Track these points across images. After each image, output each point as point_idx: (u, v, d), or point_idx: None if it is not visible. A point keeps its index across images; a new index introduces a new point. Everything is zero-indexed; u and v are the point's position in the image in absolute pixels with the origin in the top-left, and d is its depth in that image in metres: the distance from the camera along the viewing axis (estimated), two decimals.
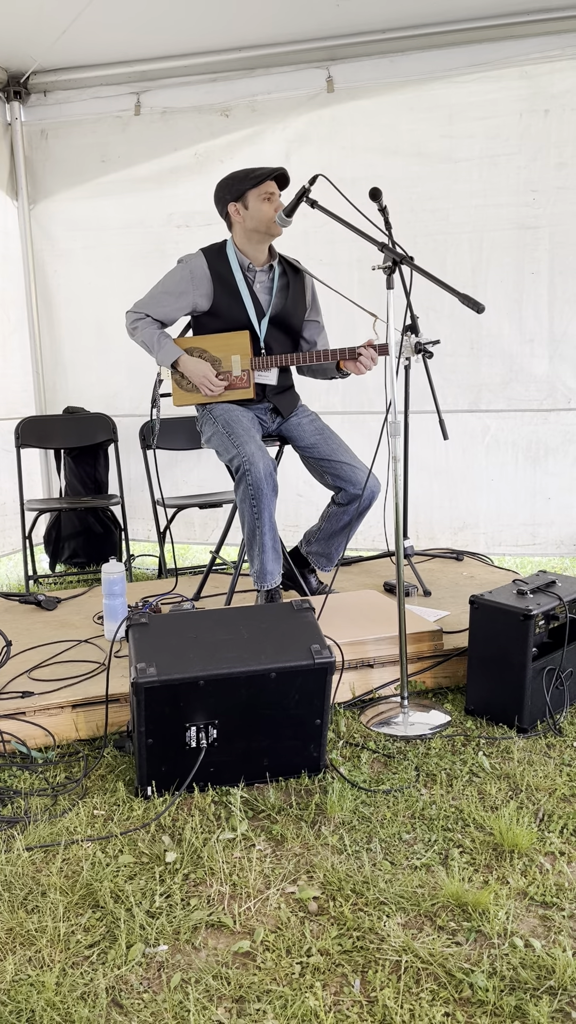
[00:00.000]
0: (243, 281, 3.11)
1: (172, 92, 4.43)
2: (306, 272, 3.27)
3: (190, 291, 3.12)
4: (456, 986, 1.50)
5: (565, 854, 1.89)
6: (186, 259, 3.16)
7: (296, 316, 3.23)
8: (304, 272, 3.27)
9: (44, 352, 4.88)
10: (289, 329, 3.22)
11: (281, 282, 3.18)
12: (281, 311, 3.17)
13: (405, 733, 2.49)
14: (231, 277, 3.11)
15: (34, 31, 4.01)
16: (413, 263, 2.53)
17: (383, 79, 4.14)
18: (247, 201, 3.04)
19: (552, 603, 2.50)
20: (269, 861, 1.88)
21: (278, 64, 4.24)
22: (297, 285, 3.23)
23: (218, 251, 3.15)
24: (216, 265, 3.11)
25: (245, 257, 3.12)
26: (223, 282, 3.11)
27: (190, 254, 3.17)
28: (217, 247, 3.16)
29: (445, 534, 4.48)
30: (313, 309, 3.32)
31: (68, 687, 2.52)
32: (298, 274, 3.25)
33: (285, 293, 3.19)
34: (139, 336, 3.16)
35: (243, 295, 3.11)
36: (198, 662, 2.12)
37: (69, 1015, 1.44)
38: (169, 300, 3.14)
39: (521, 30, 3.90)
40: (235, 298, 3.11)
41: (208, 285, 3.11)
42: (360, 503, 3.11)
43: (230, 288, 3.11)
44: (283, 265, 3.22)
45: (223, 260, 3.13)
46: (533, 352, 4.18)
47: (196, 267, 3.12)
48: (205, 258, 3.13)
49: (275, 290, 3.16)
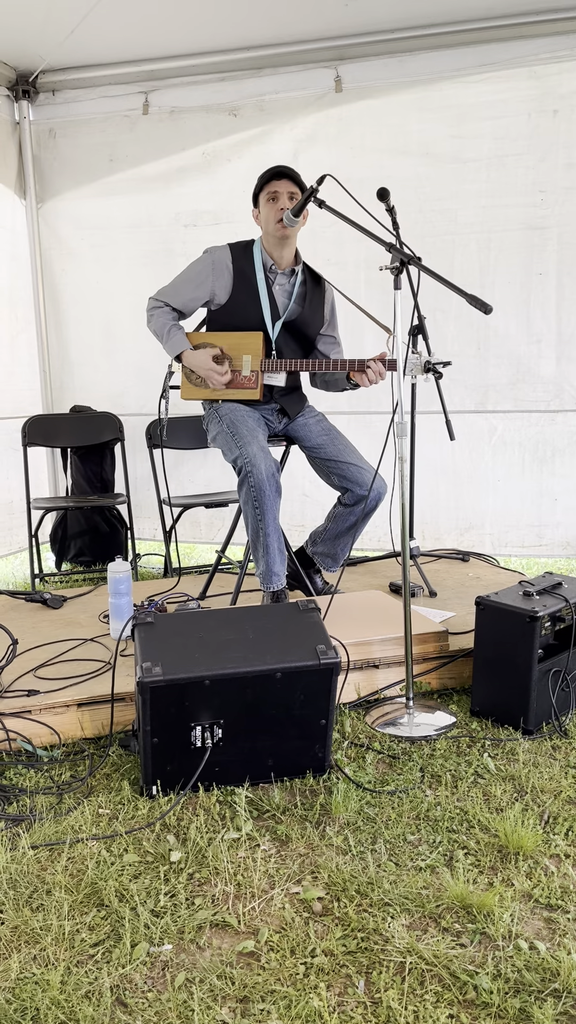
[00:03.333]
0: (263, 280, 3.13)
1: (180, 91, 4.44)
2: (329, 285, 3.28)
3: (209, 281, 3.13)
4: (460, 988, 1.50)
5: (570, 856, 1.88)
6: (211, 250, 3.19)
7: (311, 326, 3.24)
8: (327, 285, 3.29)
9: (51, 351, 4.89)
10: (302, 337, 3.23)
11: (301, 289, 3.19)
12: (297, 318, 3.19)
13: (410, 734, 2.48)
14: (252, 274, 3.13)
15: (43, 30, 4.02)
16: (421, 264, 2.52)
17: (392, 79, 4.14)
18: (259, 203, 3.10)
19: (558, 605, 2.49)
20: (274, 861, 1.88)
21: (286, 64, 4.25)
22: (316, 296, 3.24)
23: (244, 247, 3.17)
24: (240, 260, 3.14)
25: (269, 258, 3.14)
26: (244, 278, 3.12)
27: (216, 245, 3.19)
28: (244, 243, 3.19)
29: (451, 535, 4.47)
30: (330, 324, 3.33)
31: (74, 686, 2.53)
32: (319, 285, 3.27)
33: (303, 301, 3.20)
34: (153, 324, 3.18)
35: (261, 294, 3.12)
36: (203, 662, 2.12)
37: (74, 1014, 1.44)
38: (188, 288, 3.15)
39: (530, 30, 3.90)
40: (252, 296, 3.12)
41: (228, 278, 3.12)
42: (366, 504, 3.11)
43: (249, 285, 3.12)
44: (306, 273, 3.23)
45: (248, 257, 3.14)
46: (541, 353, 4.18)
47: (219, 258, 3.14)
48: (230, 252, 3.15)
49: (294, 296, 3.17)
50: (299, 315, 3.19)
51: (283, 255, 3.15)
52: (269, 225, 3.06)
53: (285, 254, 3.15)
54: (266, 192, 3.05)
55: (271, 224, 3.05)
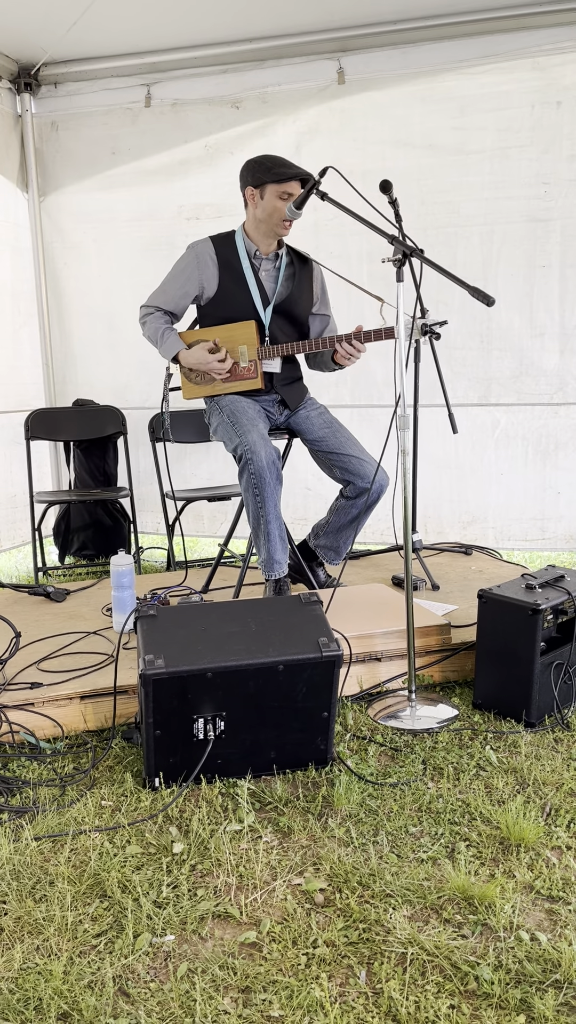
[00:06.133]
0: (249, 268, 3.12)
1: (182, 84, 4.42)
2: (315, 262, 3.27)
3: (196, 275, 3.13)
4: (462, 978, 1.50)
5: (572, 848, 1.89)
6: (193, 244, 3.18)
7: (301, 306, 3.22)
8: (313, 263, 3.27)
9: (54, 344, 4.89)
10: (294, 319, 3.21)
11: (287, 271, 3.18)
12: (286, 300, 3.17)
13: (412, 727, 2.48)
14: (237, 263, 3.12)
15: (45, 22, 4.01)
16: (423, 256, 2.51)
17: (394, 71, 4.12)
18: (264, 192, 3.03)
19: (561, 598, 2.49)
20: (276, 853, 1.89)
21: (289, 55, 4.23)
22: (304, 275, 3.23)
23: (225, 238, 3.16)
24: (223, 251, 3.13)
25: (252, 244, 3.13)
26: (229, 268, 3.12)
27: (198, 240, 3.19)
28: (225, 234, 3.18)
29: (454, 528, 4.47)
30: (321, 302, 3.31)
31: (77, 678, 2.53)
32: (306, 264, 3.25)
33: (291, 283, 3.19)
34: (147, 331, 3.19)
35: (249, 281, 3.11)
36: (206, 654, 2.12)
37: (76, 1003, 1.45)
38: (176, 286, 3.15)
39: (533, 21, 3.88)
40: (240, 284, 3.11)
41: (214, 268, 3.12)
42: (369, 497, 3.11)
43: (236, 274, 3.12)
44: (290, 255, 3.22)
45: (230, 246, 3.13)
46: (544, 346, 4.17)
47: (202, 251, 3.14)
48: (212, 244, 3.15)
49: (281, 279, 3.16)
50: (288, 297, 3.18)
51: (269, 242, 3.14)
52: (274, 220, 3.04)
53: (271, 241, 3.14)
54: (282, 189, 2.99)
55: (276, 220, 3.03)
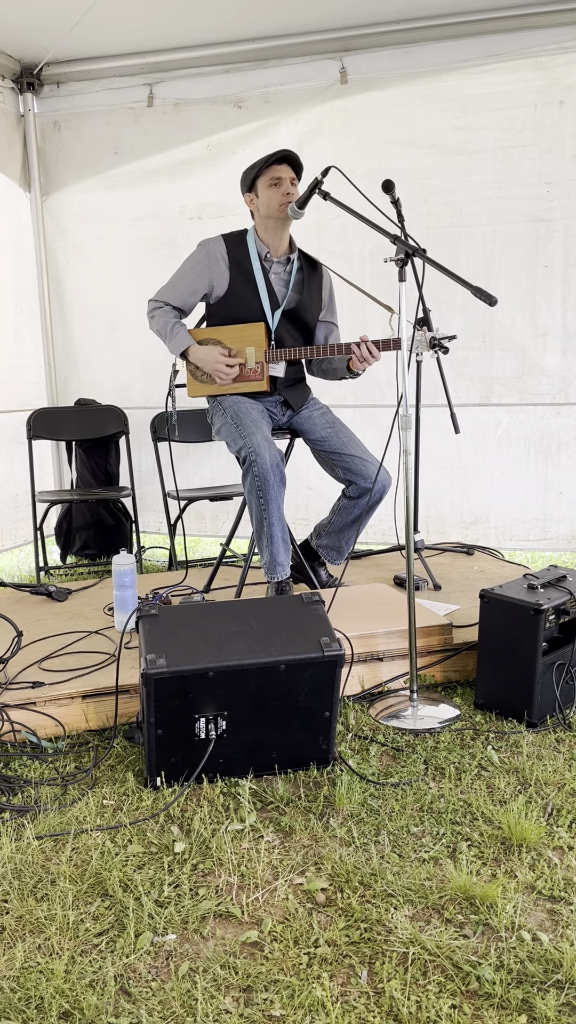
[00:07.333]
0: (260, 270, 3.11)
1: (185, 83, 4.42)
2: (326, 268, 3.26)
3: (206, 273, 3.12)
4: (463, 978, 1.50)
5: (573, 849, 1.88)
6: (205, 242, 3.17)
7: (310, 312, 3.22)
8: (323, 269, 3.26)
9: (56, 344, 4.89)
10: (302, 324, 3.21)
11: (298, 276, 3.18)
12: (296, 305, 3.17)
13: (414, 727, 2.48)
14: (248, 264, 3.11)
15: (47, 22, 4.01)
16: (426, 255, 2.51)
17: (397, 70, 4.12)
18: (257, 190, 3.05)
19: (563, 598, 2.49)
20: (277, 852, 1.89)
21: (291, 55, 4.23)
22: (314, 281, 3.22)
23: (237, 237, 3.15)
24: (235, 250, 3.12)
25: (264, 246, 3.12)
26: (240, 268, 3.11)
27: (210, 238, 3.17)
28: (237, 233, 3.17)
29: (456, 528, 4.47)
30: (329, 310, 3.31)
31: (78, 678, 2.53)
32: (316, 271, 3.25)
33: (301, 288, 3.18)
34: (155, 324, 3.17)
35: (259, 283, 3.10)
36: (208, 654, 2.12)
37: (78, 1002, 1.45)
38: (185, 283, 3.14)
39: (536, 21, 3.87)
40: (250, 286, 3.11)
41: (225, 268, 3.11)
42: (371, 497, 3.11)
43: (246, 275, 3.11)
44: (302, 260, 3.21)
45: (242, 246, 3.13)
46: (546, 346, 4.16)
47: (213, 249, 3.13)
48: (224, 242, 3.13)
49: (291, 283, 3.15)
50: (298, 302, 3.17)
51: (279, 243, 3.13)
52: (271, 208, 3.02)
53: (281, 242, 3.13)
54: (268, 177, 3.00)
55: (274, 207, 3.01)
